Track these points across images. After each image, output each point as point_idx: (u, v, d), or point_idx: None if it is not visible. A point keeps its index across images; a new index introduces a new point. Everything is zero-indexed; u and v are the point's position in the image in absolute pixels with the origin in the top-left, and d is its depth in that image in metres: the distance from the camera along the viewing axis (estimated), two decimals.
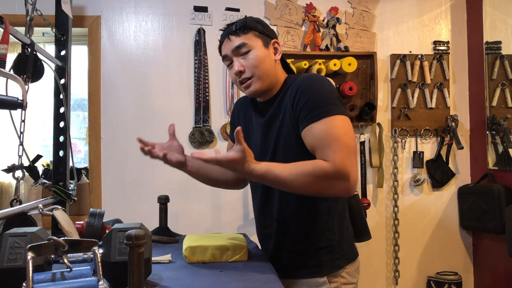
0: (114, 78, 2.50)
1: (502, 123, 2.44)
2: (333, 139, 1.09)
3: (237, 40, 1.25)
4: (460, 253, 2.71)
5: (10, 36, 1.27)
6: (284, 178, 1.07)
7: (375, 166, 2.59)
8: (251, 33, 1.25)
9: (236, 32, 1.26)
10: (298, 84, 1.20)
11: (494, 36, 2.53)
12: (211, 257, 1.22)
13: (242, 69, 1.25)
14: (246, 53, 1.24)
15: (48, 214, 1.42)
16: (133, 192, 2.48)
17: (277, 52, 1.29)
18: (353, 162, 1.09)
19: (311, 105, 1.14)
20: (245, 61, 1.25)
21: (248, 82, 1.26)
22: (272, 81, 1.28)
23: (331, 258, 1.26)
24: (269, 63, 1.26)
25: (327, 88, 1.17)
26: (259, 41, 1.26)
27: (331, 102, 1.14)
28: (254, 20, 1.29)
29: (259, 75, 1.24)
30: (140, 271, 0.80)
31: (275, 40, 1.30)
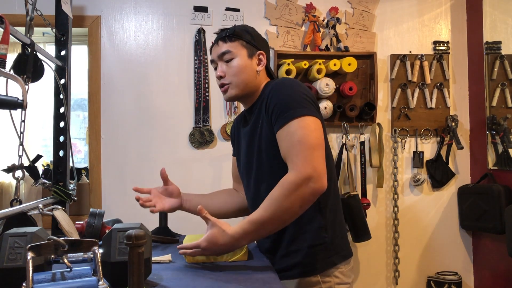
0: (114, 78, 2.50)
1: (502, 123, 2.44)
2: (296, 143, 1.12)
3: (224, 46, 1.32)
4: (460, 253, 2.71)
5: (10, 36, 1.27)
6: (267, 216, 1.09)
7: (375, 166, 2.59)
8: (238, 41, 1.31)
9: (225, 39, 1.32)
10: (269, 88, 1.25)
11: (494, 36, 2.53)
12: (211, 257, 1.22)
13: (222, 74, 1.32)
14: (230, 60, 1.31)
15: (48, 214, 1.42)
16: (133, 192, 2.47)
17: (261, 63, 1.34)
18: (317, 159, 1.10)
19: (279, 108, 1.18)
20: (227, 68, 1.31)
21: (226, 87, 1.33)
22: (251, 90, 1.33)
23: (324, 256, 1.26)
24: (250, 73, 1.31)
25: (295, 90, 1.21)
26: (244, 51, 1.31)
27: (297, 104, 1.16)
28: (244, 29, 1.34)
29: (236, 83, 1.31)
30: (140, 271, 0.80)
31: (261, 52, 1.34)
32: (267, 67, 1.38)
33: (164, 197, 1.46)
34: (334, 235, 1.28)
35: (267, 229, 1.11)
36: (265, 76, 1.37)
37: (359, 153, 2.58)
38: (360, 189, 2.57)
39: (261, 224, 1.08)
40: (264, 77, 1.36)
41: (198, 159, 2.51)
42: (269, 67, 1.39)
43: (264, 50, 1.37)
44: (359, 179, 2.58)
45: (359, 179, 2.58)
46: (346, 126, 2.53)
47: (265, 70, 1.38)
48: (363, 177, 2.57)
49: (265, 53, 1.37)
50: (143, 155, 2.48)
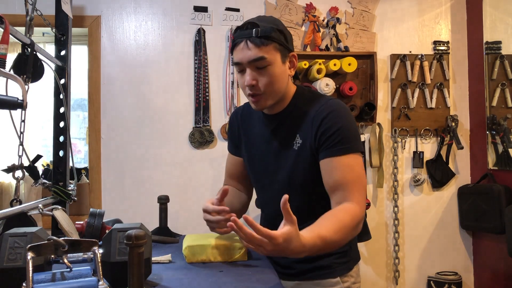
0: (114, 78, 2.50)
1: (502, 123, 2.44)
2: (357, 178, 1.13)
3: (256, 51, 1.12)
4: (460, 253, 2.71)
5: (10, 36, 1.27)
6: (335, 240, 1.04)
7: (375, 166, 2.59)
8: (272, 45, 1.14)
9: (256, 42, 1.13)
10: (323, 114, 1.16)
11: (494, 36, 2.53)
12: (211, 257, 1.22)
13: (254, 83, 1.16)
14: (264, 67, 1.14)
15: (48, 214, 1.42)
16: (133, 192, 2.48)
17: (293, 66, 1.22)
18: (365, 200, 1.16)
19: (338, 137, 1.14)
20: (260, 76, 1.15)
21: (258, 97, 1.18)
22: (282, 96, 1.22)
23: (342, 262, 1.29)
24: (284, 80, 1.19)
25: (352, 122, 1.18)
26: (278, 56, 1.15)
27: (355, 138, 1.16)
28: (277, 27, 1.15)
29: (272, 93, 1.17)
30: (140, 271, 0.80)
31: (293, 53, 1.21)
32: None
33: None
34: (352, 243, 1.32)
35: (326, 250, 1.04)
36: (290, 80, 1.25)
37: None
38: None
39: (327, 244, 1.01)
40: (291, 79, 1.25)
41: (198, 159, 2.51)
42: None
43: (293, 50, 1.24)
44: None
45: None
46: None
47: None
48: None
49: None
50: (143, 155, 2.48)
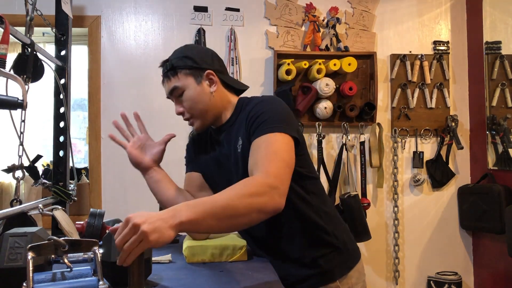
0: (114, 78, 2.50)
1: (502, 123, 2.44)
2: (272, 152, 1.06)
3: (168, 84, 1.26)
4: (460, 253, 2.71)
5: (10, 36, 1.27)
6: (220, 199, 0.92)
7: (375, 166, 2.59)
8: (181, 73, 1.23)
9: (167, 75, 1.26)
10: (252, 104, 1.19)
11: (494, 36, 2.53)
12: (210, 257, 1.22)
13: (181, 110, 1.26)
14: (181, 95, 1.24)
15: (48, 214, 1.42)
16: (133, 192, 2.48)
17: (213, 83, 1.24)
18: (287, 177, 1.05)
19: (262, 119, 1.13)
20: (182, 103, 1.25)
21: (191, 121, 1.27)
22: (216, 112, 1.26)
23: (341, 261, 1.24)
24: (205, 99, 1.23)
25: (278, 107, 1.17)
26: (190, 79, 1.23)
27: (282, 121, 1.12)
28: (183, 55, 1.25)
29: (197, 115, 1.25)
30: (140, 271, 0.80)
31: (209, 71, 1.24)
32: (223, 80, 1.27)
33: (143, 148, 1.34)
34: (343, 239, 1.26)
35: (214, 216, 0.89)
36: (224, 90, 1.27)
37: (359, 153, 2.58)
38: (360, 189, 2.57)
39: (207, 204, 0.89)
40: (223, 92, 1.27)
41: None
42: (225, 79, 1.28)
43: (213, 65, 1.26)
44: (359, 179, 2.58)
45: (359, 179, 2.58)
46: (346, 126, 2.53)
47: (223, 84, 1.28)
48: (363, 177, 2.57)
49: (215, 67, 1.26)
50: None
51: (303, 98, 2.45)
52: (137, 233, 0.78)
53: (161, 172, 1.33)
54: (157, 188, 1.31)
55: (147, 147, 1.34)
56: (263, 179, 0.99)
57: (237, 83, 1.34)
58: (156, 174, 1.31)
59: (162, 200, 1.31)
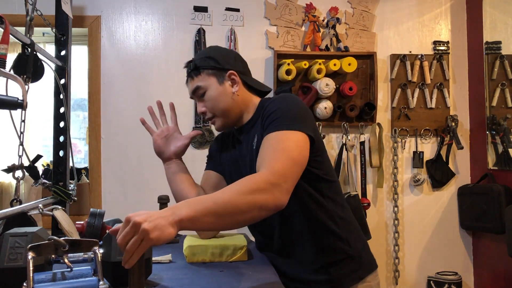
0: (114, 78, 2.50)
1: (502, 123, 2.44)
2: (280, 150, 1.04)
3: (192, 83, 1.28)
4: (460, 253, 2.71)
5: (10, 36, 1.27)
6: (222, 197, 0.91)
7: (375, 166, 2.59)
8: (203, 73, 1.26)
9: (191, 75, 1.29)
10: (268, 103, 1.19)
11: (494, 36, 2.53)
12: (211, 257, 1.22)
13: (203, 110, 1.28)
14: (203, 94, 1.26)
15: (48, 214, 1.42)
16: (133, 192, 2.48)
17: (235, 83, 1.26)
18: (294, 175, 1.02)
19: (274, 116, 1.12)
20: (205, 102, 1.27)
21: (212, 120, 1.29)
22: (238, 113, 1.28)
23: (350, 270, 1.20)
24: (227, 99, 1.25)
25: (296, 105, 1.16)
26: (213, 79, 1.25)
27: (296, 118, 1.11)
28: (206, 56, 1.27)
29: (219, 114, 1.27)
30: (140, 271, 0.80)
31: (231, 71, 1.26)
32: (245, 82, 1.29)
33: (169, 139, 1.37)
34: (357, 248, 1.23)
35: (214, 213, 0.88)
36: (246, 91, 1.29)
37: (359, 153, 2.58)
38: (360, 189, 2.57)
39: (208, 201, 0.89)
40: (245, 93, 1.28)
41: (198, 159, 2.50)
42: (248, 80, 1.30)
43: (236, 66, 1.28)
44: (359, 179, 2.58)
45: (359, 179, 2.58)
46: (346, 126, 2.53)
47: (245, 86, 1.29)
48: (363, 177, 2.57)
49: (238, 68, 1.28)
50: (143, 155, 2.48)
51: (303, 98, 2.45)
52: (138, 232, 0.78)
53: (180, 164, 1.37)
54: (173, 179, 1.35)
55: (173, 138, 1.37)
56: (266, 176, 0.98)
57: (259, 85, 1.34)
58: (175, 166, 1.36)
59: (176, 191, 1.35)
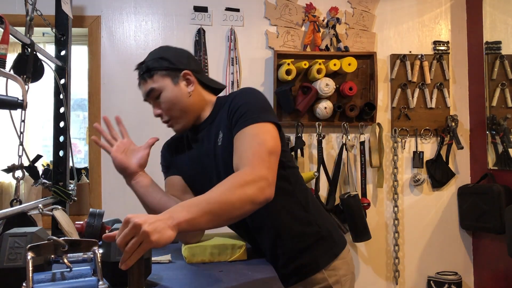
0: (114, 78, 2.50)
1: (502, 123, 2.44)
2: (256, 145, 1.06)
3: (145, 86, 1.25)
4: (460, 253, 2.71)
5: (10, 36, 1.27)
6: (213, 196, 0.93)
7: (375, 166, 2.59)
8: (157, 74, 1.23)
9: (143, 78, 1.26)
10: (231, 97, 1.19)
11: (494, 36, 2.53)
12: (210, 257, 1.22)
13: (159, 112, 1.26)
14: (158, 96, 1.23)
15: (48, 214, 1.42)
16: (133, 192, 2.47)
17: (190, 83, 1.24)
18: (273, 165, 1.05)
19: (242, 111, 1.12)
20: (160, 105, 1.24)
21: (170, 123, 1.26)
22: (195, 112, 1.26)
23: (324, 249, 1.23)
24: (183, 99, 1.23)
25: (258, 97, 1.18)
26: (167, 80, 1.23)
27: (261, 109, 1.13)
28: (158, 57, 1.25)
29: (176, 116, 1.24)
30: (140, 271, 0.80)
31: (186, 71, 1.23)
32: (200, 80, 1.27)
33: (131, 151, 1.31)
34: (326, 227, 1.26)
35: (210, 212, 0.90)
36: (201, 90, 1.27)
37: (359, 153, 2.58)
38: (360, 189, 2.57)
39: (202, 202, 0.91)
40: (201, 91, 1.27)
41: None
42: (202, 79, 1.28)
43: (189, 65, 1.26)
44: (359, 179, 2.58)
45: (359, 179, 2.58)
46: (346, 126, 2.53)
47: (201, 84, 1.27)
48: (363, 177, 2.57)
49: (192, 67, 1.26)
50: None
51: (303, 98, 2.45)
52: (138, 233, 0.78)
53: (147, 176, 1.31)
54: (146, 194, 1.28)
55: (130, 151, 1.31)
56: (250, 170, 1.00)
57: (214, 83, 1.33)
58: (143, 179, 1.29)
59: (153, 204, 1.28)
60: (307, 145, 2.58)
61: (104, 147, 1.30)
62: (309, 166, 2.61)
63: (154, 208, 1.28)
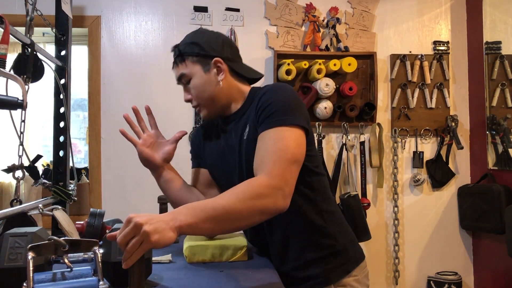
0: (114, 78, 2.50)
1: (502, 123, 2.44)
2: (278, 150, 1.02)
3: (177, 70, 1.25)
4: (460, 253, 2.71)
5: (10, 36, 1.27)
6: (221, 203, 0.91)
7: (375, 166, 2.59)
8: (188, 60, 1.22)
9: (176, 62, 1.25)
10: (262, 92, 1.16)
11: (494, 36, 2.53)
12: (211, 257, 1.22)
13: (188, 98, 1.25)
14: (188, 82, 1.23)
15: (48, 214, 1.42)
16: (133, 192, 2.48)
17: (221, 71, 1.21)
18: (293, 176, 1.02)
19: (271, 110, 1.08)
20: (191, 90, 1.24)
21: (198, 108, 1.26)
22: (225, 101, 1.23)
23: (337, 264, 1.18)
24: (212, 87, 1.20)
25: (290, 95, 1.12)
26: (198, 67, 1.21)
27: (291, 111, 1.08)
28: (191, 42, 1.23)
29: (204, 103, 1.23)
30: (140, 271, 0.80)
31: (217, 59, 1.20)
32: (233, 69, 1.24)
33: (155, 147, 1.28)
34: (343, 242, 1.21)
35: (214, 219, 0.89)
36: (233, 79, 1.24)
37: (359, 153, 2.58)
38: (360, 189, 2.57)
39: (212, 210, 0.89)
40: (233, 81, 1.23)
41: None
42: (236, 68, 1.25)
43: (223, 52, 1.22)
44: (359, 179, 2.58)
45: (359, 179, 2.58)
46: (346, 126, 2.53)
47: (233, 73, 1.24)
48: (363, 177, 2.57)
49: (225, 54, 1.22)
50: None
51: (303, 98, 2.45)
52: (139, 233, 0.78)
53: (172, 171, 1.29)
54: (168, 188, 1.27)
55: (158, 145, 1.28)
56: (267, 180, 0.97)
57: (249, 72, 1.28)
58: (167, 174, 1.27)
59: (174, 199, 1.28)
60: None
61: (131, 140, 1.27)
62: None
63: (174, 202, 1.28)
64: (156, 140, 1.29)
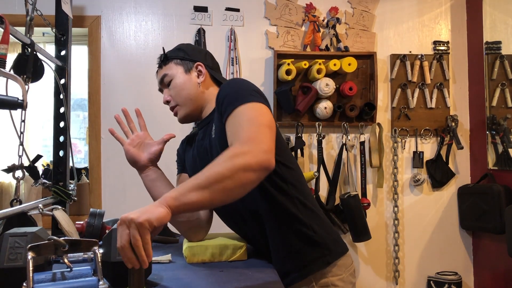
0: (114, 78, 2.50)
1: (502, 123, 2.44)
2: (244, 121, 1.02)
3: (160, 72, 1.33)
4: (460, 253, 2.71)
5: (10, 36, 1.27)
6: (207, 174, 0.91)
7: (375, 166, 2.59)
8: (171, 62, 1.31)
9: (160, 65, 1.34)
10: (219, 91, 1.18)
11: (494, 36, 2.53)
12: (211, 257, 1.22)
13: (168, 98, 1.32)
14: (170, 82, 1.30)
15: (48, 214, 1.42)
16: (133, 192, 2.48)
17: (201, 74, 1.30)
18: (266, 135, 1.00)
19: (228, 99, 1.10)
20: (170, 91, 1.31)
21: (175, 109, 1.32)
22: (200, 104, 1.30)
23: (317, 256, 1.17)
24: (191, 87, 1.28)
25: (244, 83, 1.17)
26: (180, 68, 1.30)
27: (247, 94, 1.10)
28: (176, 48, 1.34)
29: (182, 102, 1.29)
30: (140, 271, 0.80)
31: (199, 63, 1.30)
32: (213, 76, 1.32)
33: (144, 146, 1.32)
34: (322, 234, 1.20)
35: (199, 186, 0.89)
36: (212, 86, 1.32)
37: (359, 153, 2.58)
38: (360, 189, 2.57)
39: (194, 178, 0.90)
40: (211, 85, 1.32)
41: None
42: (215, 75, 1.33)
43: (204, 60, 1.32)
44: (359, 179, 2.58)
45: (359, 179, 2.58)
46: (346, 126, 2.53)
47: (212, 79, 1.33)
48: (363, 177, 2.57)
49: (206, 62, 1.33)
50: None
51: (303, 98, 2.46)
52: (131, 226, 0.80)
53: (158, 171, 1.32)
54: (152, 186, 1.31)
55: (145, 145, 1.32)
56: (239, 144, 0.97)
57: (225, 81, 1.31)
58: (152, 173, 1.31)
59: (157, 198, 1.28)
60: (307, 145, 2.58)
61: (119, 139, 1.33)
62: (309, 166, 2.61)
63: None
64: (144, 141, 1.34)
